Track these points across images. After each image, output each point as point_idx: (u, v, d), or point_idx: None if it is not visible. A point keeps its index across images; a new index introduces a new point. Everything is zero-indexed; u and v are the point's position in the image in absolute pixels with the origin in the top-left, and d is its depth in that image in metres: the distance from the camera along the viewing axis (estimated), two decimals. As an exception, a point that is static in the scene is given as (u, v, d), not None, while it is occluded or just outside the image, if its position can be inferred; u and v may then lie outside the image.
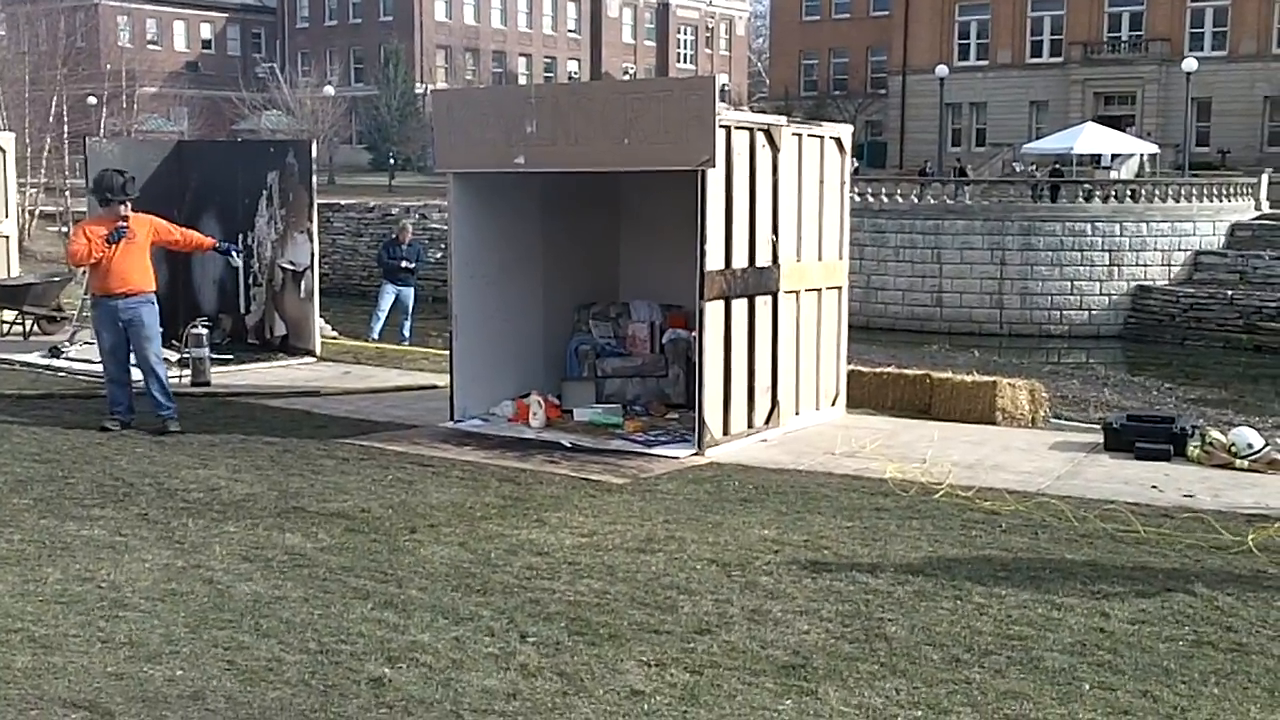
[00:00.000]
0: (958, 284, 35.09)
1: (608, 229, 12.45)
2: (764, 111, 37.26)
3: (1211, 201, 35.97)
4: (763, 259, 10.35)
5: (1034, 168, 49.38)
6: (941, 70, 51.86)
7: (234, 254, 11.94)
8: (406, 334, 19.19)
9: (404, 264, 19.05)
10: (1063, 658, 5.36)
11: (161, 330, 10.80)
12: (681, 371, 11.43)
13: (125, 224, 10.39)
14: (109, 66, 55.05)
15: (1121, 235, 34.56)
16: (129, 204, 10.55)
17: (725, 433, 10.05)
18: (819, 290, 11.23)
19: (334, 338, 17.21)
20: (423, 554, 6.83)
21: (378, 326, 19.17)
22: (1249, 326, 31.91)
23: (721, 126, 9.59)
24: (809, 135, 11.03)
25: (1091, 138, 46.88)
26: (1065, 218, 34.85)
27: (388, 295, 19.27)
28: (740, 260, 10.06)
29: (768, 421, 10.54)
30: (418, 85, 72.36)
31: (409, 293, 19.26)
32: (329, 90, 64.72)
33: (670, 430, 10.56)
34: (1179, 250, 34.83)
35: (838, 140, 11.40)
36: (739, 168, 9.96)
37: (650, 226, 12.12)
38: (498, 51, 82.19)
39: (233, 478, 8.65)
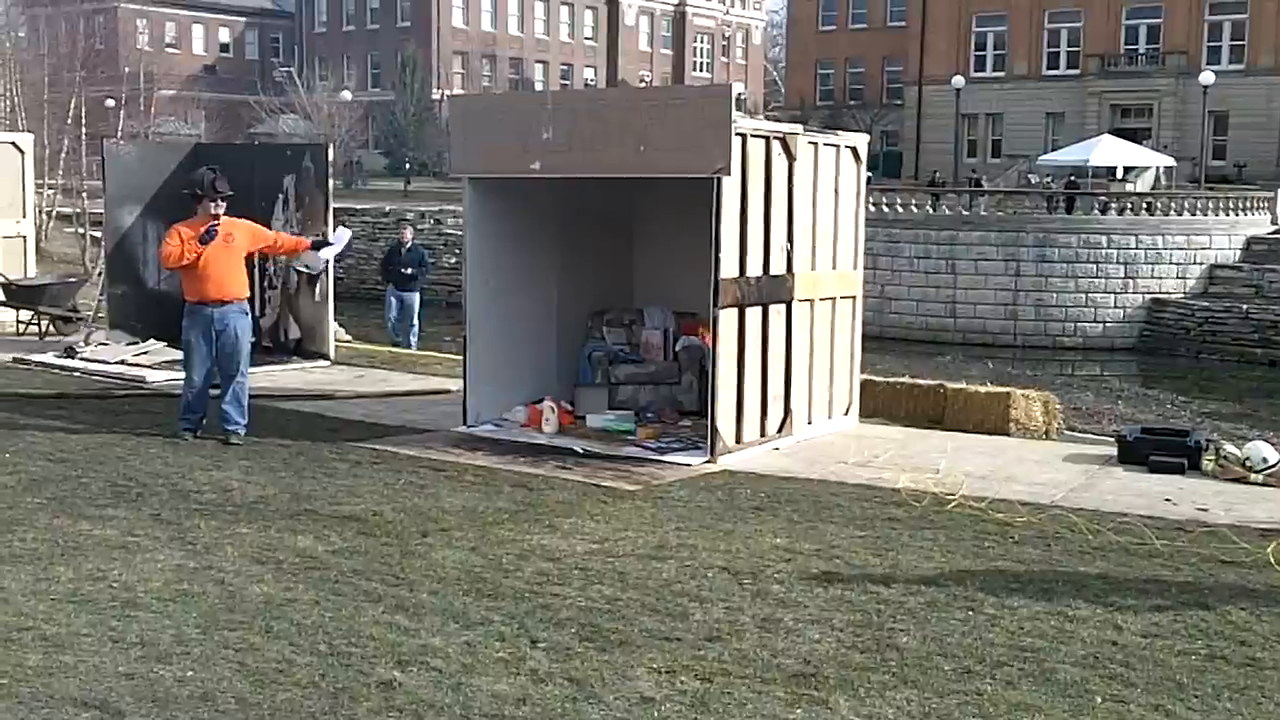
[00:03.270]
0: (972, 295, 35.04)
1: (622, 235, 12.45)
2: (780, 120, 37.25)
3: (1227, 215, 35.88)
4: (777, 267, 10.34)
5: (1049, 179, 49.30)
6: (958, 81, 51.86)
7: (333, 242, 11.35)
8: (413, 340, 19.09)
9: (404, 270, 19.00)
10: (1075, 670, 5.34)
11: (253, 341, 10.55)
12: (695, 379, 11.43)
13: (217, 223, 9.95)
14: (127, 69, 55.18)
15: (1137, 248, 34.48)
16: (221, 202, 10.06)
17: (738, 441, 10.04)
18: (833, 299, 11.21)
19: (348, 341, 17.24)
20: (434, 558, 6.83)
21: (398, 334, 19.10)
22: (1264, 340, 31.81)
23: (737, 134, 9.59)
24: (824, 144, 11.02)
25: (1107, 150, 46.81)
26: (1080, 230, 34.79)
27: (391, 302, 19.23)
28: (755, 268, 10.06)
29: (780, 430, 10.53)
30: (434, 91, 72.49)
31: (413, 298, 19.17)
32: (346, 95, 64.88)
33: (683, 437, 10.55)
34: (1194, 263, 34.75)
35: (853, 149, 11.39)
36: (754, 176, 9.95)
37: (665, 233, 12.12)
38: (514, 58, 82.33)
39: (245, 479, 8.67)
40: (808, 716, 4.82)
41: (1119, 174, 48.24)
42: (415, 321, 19.24)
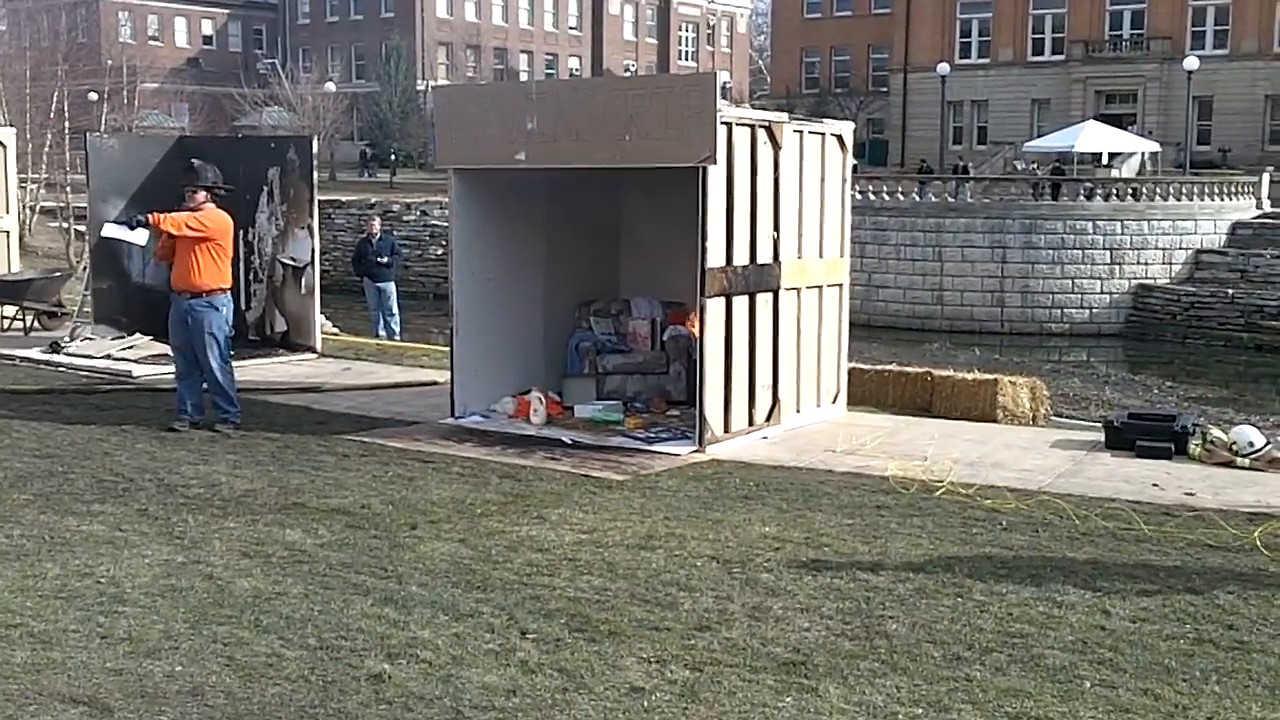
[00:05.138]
0: (959, 282, 35.07)
1: (609, 225, 12.44)
2: (765, 109, 37.27)
3: (1213, 200, 35.94)
4: (764, 256, 10.33)
5: (1035, 166, 49.36)
6: (943, 68, 51.80)
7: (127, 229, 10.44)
8: (396, 329, 19.15)
9: (379, 259, 19.11)
10: (1064, 655, 5.36)
11: (229, 334, 10.44)
12: (682, 368, 11.43)
13: (144, 215, 10.16)
14: (110, 62, 54.93)
15: (1123, 234, 34.53)
16: (195, 194, 10.18)
17: (726, 430, 10.04)
18: (820, 287, 11.22)
19: (334, 334, 17.20)
20: (423, 550, 6.82)
21: (380, 326, 19.16)
22: (1250, 325, 31.89)
23: (723, 123, 9.58)
24: (810, 132, 11.01)
25: (1093, 136, 46.84)
26: (1066, 216, 34.82)
27: (370, 293, 19.39)
28: (741, 257, 10.05)
29: (769, 419, 10.53)
30: (419, 82, 72.26)
31: (389, 288, 19.28)
32: (330, 87, 64.65)
33: (671, 427, 10.56)
34: (1180, 249, 34.80)
35: (839, 137, 11.39)
36: (740, 165, 9.95)
37: (651, 223, 12.11)
38: (499, 48, 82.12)
39: (233, 473, 8.65)
40: (797, 704, 4.83)
41: (1104, 160, 48.31)
42: (395, 310, 19.31)
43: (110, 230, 10.61)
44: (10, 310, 16.31)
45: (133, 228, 10.33)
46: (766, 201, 10.31)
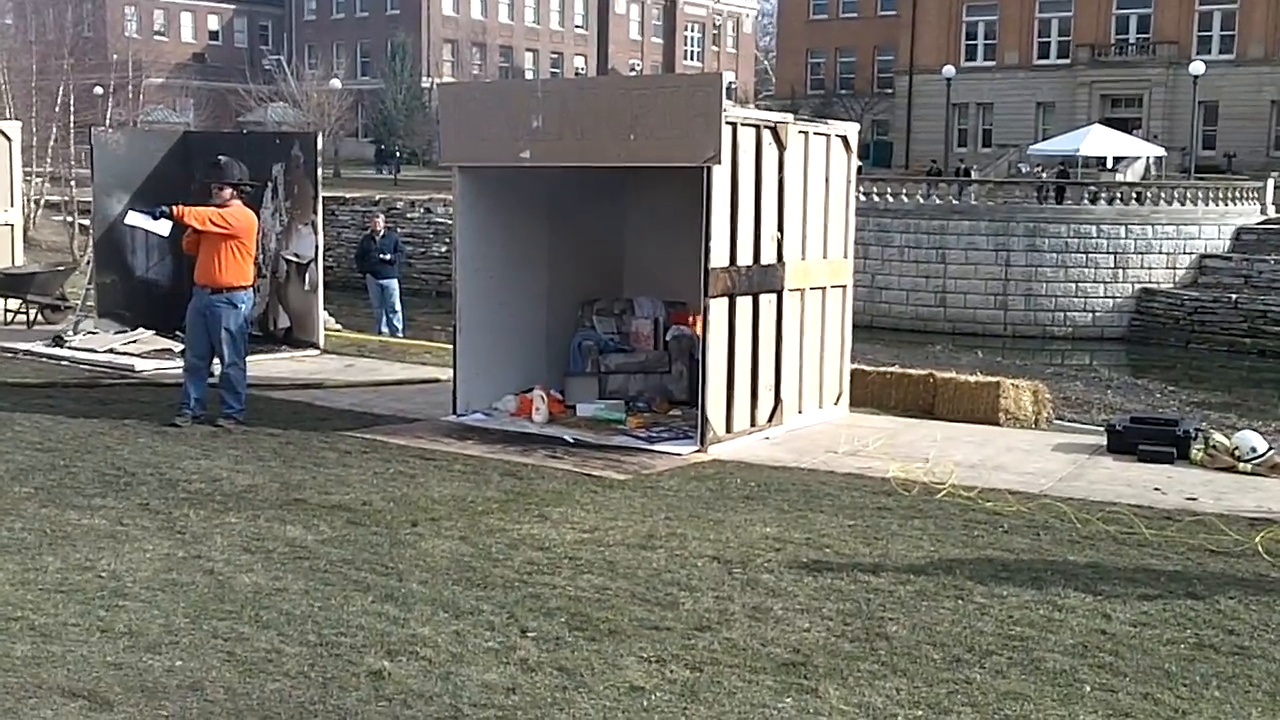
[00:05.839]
0: (962, 284, 35.06)
1: (612, 224, 12.44)
2: (770, 109, 37.19)
3: (1217, 205, 35.91)
4: (767, 257, 10.33)
5: (1040, 169, 49.34)
6: (948, 70, 51.83)
7: (152, 219, 10.44)
8: (399, 326, 19.15)
9: (382, 256, 19.09)
10: (1064, 659, 5.35)
11: (247, 331, 10.42)
12: (685, 368, 11.43)
13: (169, 206, 10.13)
14: (115, 57, 54.91)
15: (1126, 237, 34.51)
16: (221, 190, 10.17)
17: (728, 430, 10.04)
18: (823, 289, 11.22)
19: (337, 331, 17.20)
20: (424, 547, 6.82)
21: (383, 323, 19.16)
22: (1253, 330, 31.87)
23: (728, 123, 9.58)
24: (815, 133, 11.01)
25: (1098, 140, 46.82)
26: (1070, 219, 34.81)
27: (373, 290, 19.38)
28: (745, 258, 10.05)
29: (771, 419, 10.53)
30: (424, 79, 72.30)
31: (393, 285, 19.28)
32: (335, 83, 64.66)
33: (673, 427, 10.56)
34: (1184, 253, 34.78)
35: (844, 139, 11.39)
36: (745, 165, 9.94)
37: (655, 223, 12.10)
38: (504, 46, 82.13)
39: (234, 469, 8.65)
40: (797, 705, 4.83)
41: (1109, 164, 48.28)
42: (398, 307, 19.31)
43: (134, 219, 10.66)
44: (14, 303, 16.32)
45: (156, 218, 10.30)
46: (770, 202, 10.30)
